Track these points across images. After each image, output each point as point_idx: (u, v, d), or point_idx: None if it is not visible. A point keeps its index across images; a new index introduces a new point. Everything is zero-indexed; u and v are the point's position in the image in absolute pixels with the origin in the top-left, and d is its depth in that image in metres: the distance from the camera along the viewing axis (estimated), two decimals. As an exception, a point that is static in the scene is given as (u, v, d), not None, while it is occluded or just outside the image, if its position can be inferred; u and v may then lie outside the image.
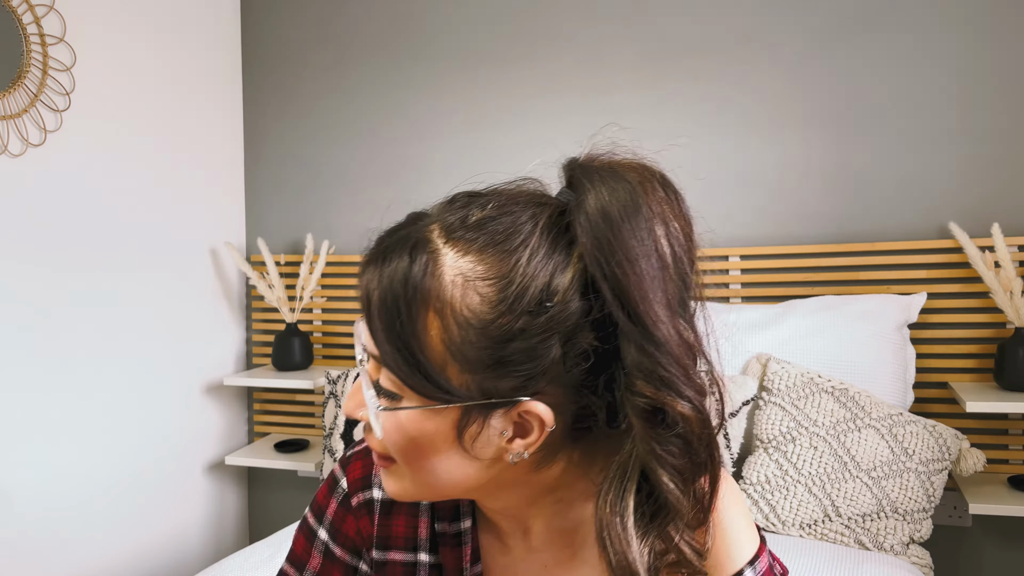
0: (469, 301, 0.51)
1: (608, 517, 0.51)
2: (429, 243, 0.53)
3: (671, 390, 0.50)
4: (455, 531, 0.67)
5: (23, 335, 1.83)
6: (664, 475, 0.51)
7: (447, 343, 0.51)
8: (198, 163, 2.37)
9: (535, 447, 0.54)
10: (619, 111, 2.18)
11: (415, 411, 0.53)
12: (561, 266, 0.51)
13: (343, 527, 0.70)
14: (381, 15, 2.40)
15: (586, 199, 0.51)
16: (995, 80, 1.91)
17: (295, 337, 2.36)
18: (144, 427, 2.17)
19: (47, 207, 1.88)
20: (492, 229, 0.52)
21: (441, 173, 2.36)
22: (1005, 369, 1.79)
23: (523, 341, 0.50)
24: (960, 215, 1.92)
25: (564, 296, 0.51)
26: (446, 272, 0.51)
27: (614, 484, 0.52)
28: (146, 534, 2.17)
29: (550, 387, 0.52)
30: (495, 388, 0.52)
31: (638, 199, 0.51)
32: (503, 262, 0.51)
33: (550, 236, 0.52)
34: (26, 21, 1.83)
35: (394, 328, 0.51)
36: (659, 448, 0.51)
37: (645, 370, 0.50)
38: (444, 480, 0.56)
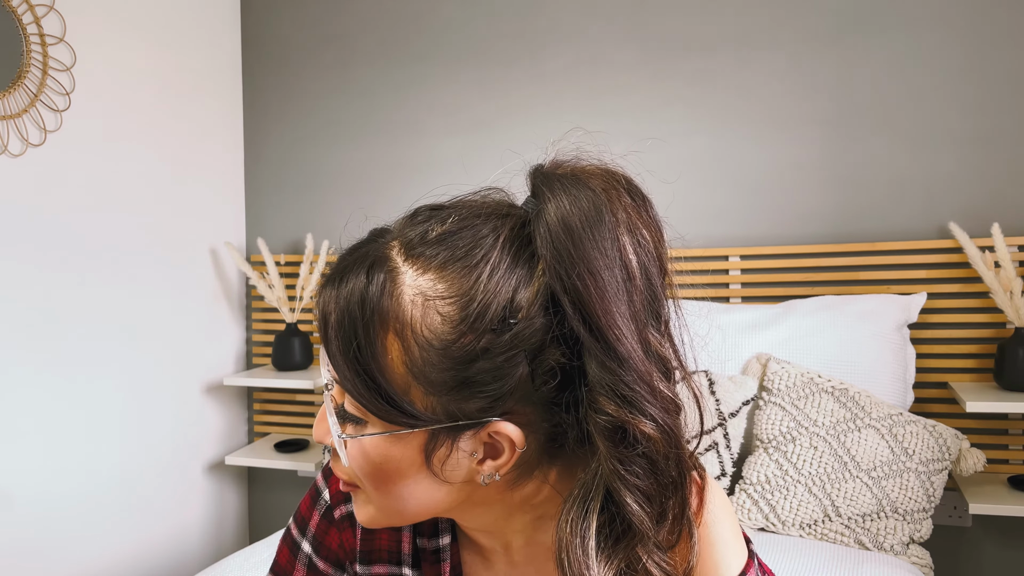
0: (430, 321, 0.49)
1: (568, 538, 0.49)
2: (388, 260, 0.51)
3: (634, 408, 0.47)
4: (434, 547, 0.66)
5: (22, 335, 1.83)
6: (628, 496, 0.48)
7: (408, 365, 0.49)
8: (198, 163, 2.37)
9: (507, 468, 0.52)
10: (619, 111, 2.18)
11: (379, 437, 0.51)
12: (524, 280, 0.49)
13: (326, 540, 0.69)
14: (381, 15, 2.40)
15: (546, 209, 0.49)
16: (995, 80, 1.91)
17: (295, 337, 2.36)
18: (144, 427, 2.17)
19: (47, 207, 1.88)
20: (452, 244, 0.50)
21: (441, 173, 2.36)
22: (1005, 369, 1.79)
23: (488, 361, 0.48)
24: (960, 215, 1.92)
25: (528, 312, 0.48)
26: (405, 291, 0.49)
27: (576, 503, 0.50)
28: (146, 534, 2.17)
29: (519, 406, 0.50)
30: (461, 410, 0.50)
31: (601, 208, 0.48)
32: (464, 279, 0.49)
33: (512, 249, 0.50)
34: (26, 21, 1.83)
35: (351, 351, 0.49)
36: (623, 468, 0.48)
37: (607, 387, 0.47)
38: (412, 505, 0.54)
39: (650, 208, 0.52)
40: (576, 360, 0.49)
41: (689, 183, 2.08)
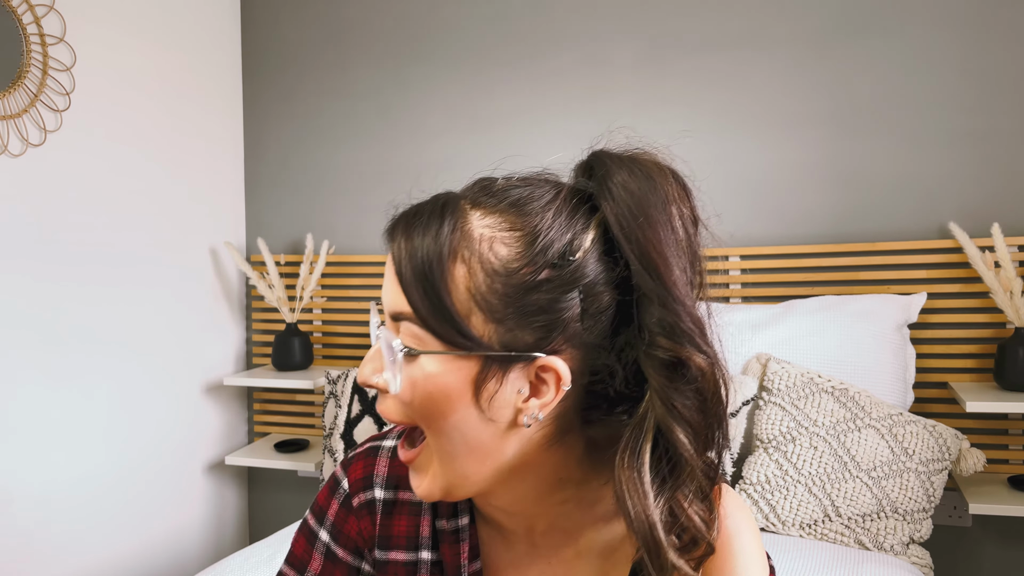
0: (496, 250, 0.54)
1: (626, 473, 0.53)
2: (458, 206, 0.56)
3: (690, 343, 0.53)
4: (453, 528, 0.67)
5: (22, 335, 1.83)
6: (679, 431, 0.53)
7: (472, 291, 0.54)
8: (198, 163, 2.37)
9: (550, 407, 0.55)
10: (619, 111, 2.18)
11: (436, 361, 0.55)
12: (581, 230, 0.55)
13: (345, 528, 0.71)
14: (381, 15, 2.40)
15: (611, 173, 0.55)
16: (995, 80, 1.91)
17: (295, 337, 2.36)
18: (144, 427, 2.17)
19: (47, 207, 1.88)
20: (515, 195, 0.56)
21: (441, 173, 2.35)
22: (1005, 369, 1.79)
23: (545, 292, 0.53)
24: (960, 215, 1.92)
25: (586, 253, 0.54)
26: (474, 227, 0.55)
27: (630, 443, 0.54)
28: (146, 534, 2.17)
29: (567, 347, 0.55)
30: (515, 340, 0.54)
31: (656, 180, 0.55)
32: (528, 220, 0.55)
33: (571, 204, 0.56)
34: (26, 21, 1.83)
35: (425, 277, 0.54)
36: (676, 401, 0.53)
37: (666, 325, 0.53)
38: (462, 447, 0.56)
39: (691, 195, 0.58)
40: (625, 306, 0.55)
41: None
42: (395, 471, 0.70)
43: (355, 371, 2.11)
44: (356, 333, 2.45)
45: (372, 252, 2.43)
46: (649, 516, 0.52)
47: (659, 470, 0.54)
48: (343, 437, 2.03)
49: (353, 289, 2.45)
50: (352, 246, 2.45)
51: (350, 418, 2.04)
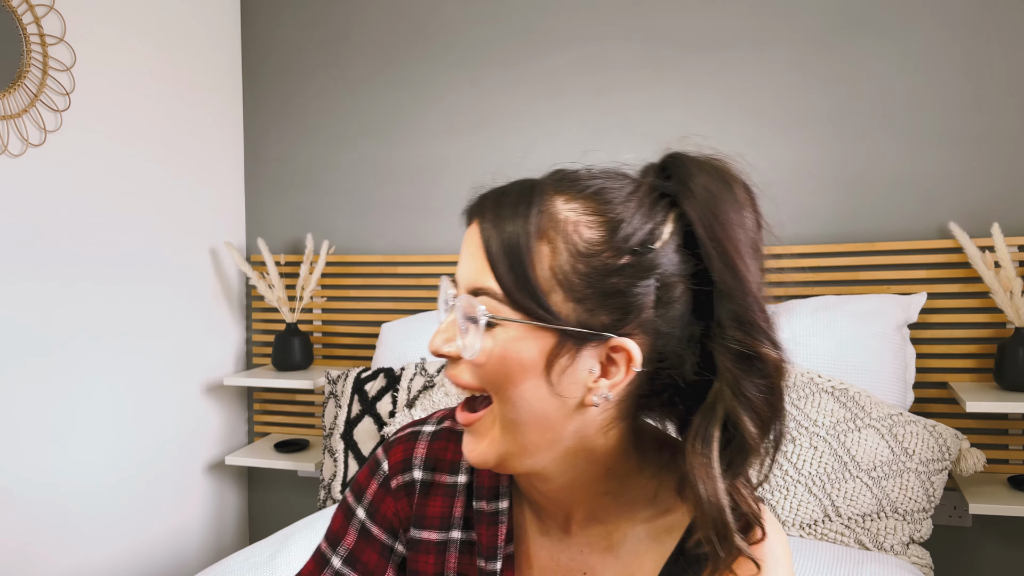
0: (582, 232, 0.57)
1: (698, 459, 0.57)
2: (543, 189, 0.59)
3: (759, 335, 0.57)
4: (493, 510, 0.69)
5: (22, 335, 1.83)
6: (747, 419, 0.56)
7: (555, 270, 0.56)
8: (198, 163, 2.37)
9: (619, 387, 0.58)
10: (619, 111, 2.18)
11: (515, 330, 0.57)
12: (660, 222, 0.58)
13: (382, 507, 0.73)
14: (381, 15, 2.40)
15: (692, 174, 0.59)
16: (995, 80, 1.91)
17: (295, 337, 2.36)
18: (144, 427, 2.17)
19: (47, 207, 1.88)
20: (598, 184, 0.59)
21: (441, 173, 2.36)
22: (1005, 369, 1.79)
23: (624, 277, 0.56)
24: (960, 215, 1.92)
25: (664, 244, 0.58)
26: (559, 210, 0.58)
27: (700, 430, 0.57)
28: (146, 534, 2.17)
29: (639, 333, 0.58)
30: (592, 320, 0.57)
31: (730, 182, 0.59)
32: (610, 208, 0.58)
33: (650, 198, 0.59)
34: (26, 21, 1.83)
35: (513, 253, 0.56)
36: (747, 390, 0.56)
37: (739, 318, 0.56)
38: (528, 417, 0.59)
39: (756, 201, 0.61)
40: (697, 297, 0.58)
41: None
42: (433, 454, 0.73)
43: (355, 371, 2.11)
44: (356, 333, 2.45)
45: (372, 252, 2.43)
46: (720, 499, 0.56)
47: (724, 456, 0.57)
48: (343, 437, 2.03)
49: (353, 289, 2.45)
50: (352, 246, 2.45)
51: (350, 418, 2.04)
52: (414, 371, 2.03)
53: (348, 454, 2.01)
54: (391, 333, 2.21)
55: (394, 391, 2.02)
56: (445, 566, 0.70)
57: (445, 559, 0.70)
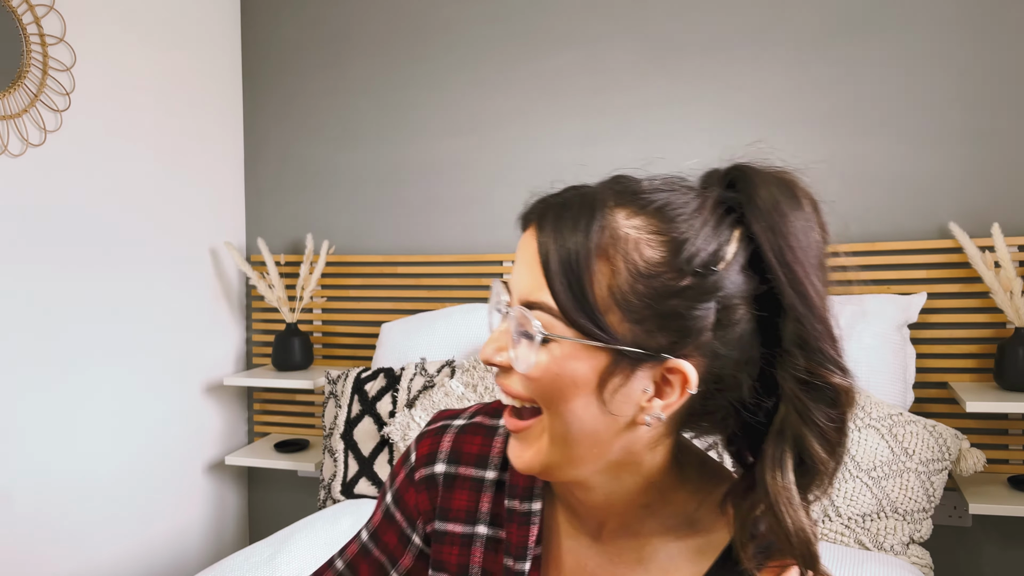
0: (643, 253, 0.55)
1: (779, 488, 0.55)
2: (605, 202, 0.57)
3: (829, 362, 0.55)
4: (525, 510, 0.69)
5: (23, 335, 1.83)
6: (816, 444, 0.55)
7: (613, 289, 0.55)
8: (198, 163, 2.37)
9: (672, 408, 0.57)
10: (619, 111, 2.18)
11: (569, 347, 0.56)
12: (725, 241, 0.56)
13: (405, 496, 0.75)
14: (381, 15, 2.40)
15: (757, 190, 0.57)
16: (995, 80, 1.91)
17: (295, 337, 2.36)
18: (144, 427, 2.17)
19: (47, 207, 1.88)
20: (662, 199, 0.57)
21: (441, 173, 2.36)
22: (1005, 369, 1.79)
23: (684, 299, 0.54)
24: (960, 215, 1.92)
25: (728, 265, 0.55)
26: (621, 227, 0.56)
27: (776, 459, 0.56)
28: (146, 534, 2.17)
29: (696, 354, 0.56)
30: (649, 341, 0.55)
31: (799, 197, 0.57)
32: (674, 227, 0.56)
33: (715, 215, 0.57)
34: (26, 21, 1.83)
35: (570, 270, 0.55)
36: (815, 416, 0.55)
37: (806, 344, 0.55)
38: (577, 433, 0.58)
39: (821, 214, 0.59)
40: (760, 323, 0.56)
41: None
42: (458, 446, 0.73)
43: (355, 371, 2.11)
44: (356, 333, 2.45)
45: (372, 252, 2.43)
46: (807, 531, 0.55)
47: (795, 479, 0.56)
48: (343, 437, 2.03)
49: (353, 289, 2.45)
50: (352, 246, 2.45)
51: (350, 418, 2.04)
52: (414, 371, 2.03)
53: (348, 454, 2.01)
54: (391, 333, 2.21)
55: (394, 391, 2.02)
56: (470, 560, 0.71)
57: (470, 553, 0.71)
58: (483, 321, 2.11)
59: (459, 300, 2.31)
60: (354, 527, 1.75)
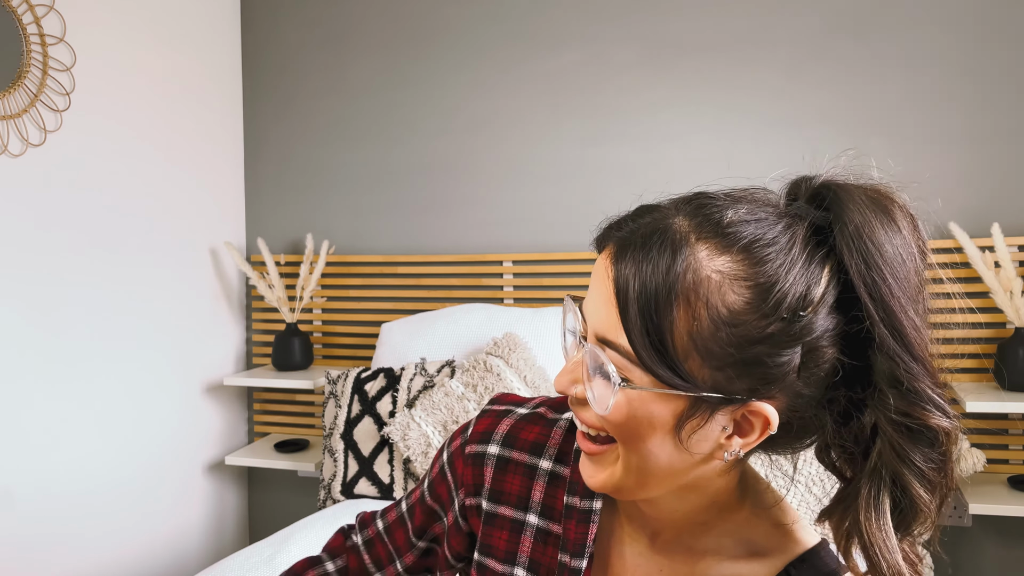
0: (726, 299, 0.52)
1: (875, 531, 0.53)
2: (687, 239, 0.53)
3: (934, 406, 0.52)
4: (586, 507, 0.68)
5: (23, 335, 1.83)
6: (918, 486, 0.52)
7: (694, 336, 0.52)
8: (198, 163, 2.37)
9: (751, 447, 0.56)
10: (620, 111, 2.18)
11: (646, 392, 0.54)
12: (816, 279, 0.52)
13: (456, 462, 0.76)
14: (381, 16, 2.40)
15: (849, 216, 0.53)
16: (995, 80, 1.91)
17: (295, 337, 2.36)
18: (144, 427, 2.17)
19: (47, 207, 1.88)
20: (749, 234, 0.53)
21: (441, 173, 2.36)
22: (1005, 369, 1.79)
23: (770, 346, 0.52)
24: (960, 215, 1.92)
25: (817, 308, 0.52)
26: (703, 268, 0.52)
27: (871, 500, 0.53)
28: (146, 534, 2.17)
29: (779, 394, 0.54)
30: (730, 386, 0.53)
31: (896, 220, 0.54)
32: (760, 266, 0.52)
33: (807, 249, 0.53)
34: (26, 21, 1.83)
35: (649, 315, 0.52)
36: (917, 461, 0.52)
37: (901, 384, 0.52)
38: (652, 466, 0.57)
39: (919, 229, 0.56)
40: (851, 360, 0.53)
41: (688, 183, 2.07)
42: (515, 432, 0.73)
43: (355, 371, 2.11)
44: (356, 333, 2.45)
45: (372, 252, 2.43)
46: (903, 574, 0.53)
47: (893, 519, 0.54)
48: (343, 437, 2.03)
49: (353, 289, 2.45)
50: (352, 246, 2.45)
51: (350, 418, 2.04)
52: (414, 371, 2.03)
53: (348, 454, 2.01)
54: (391, 333, 2.21)
55: (394, 391, 2.02)
56: (519, 548, 0.71)
57: (520, 540, 0.71)
58: (483, 321, 2.11)
59: (459, 300, 2.31)
60: (354, 527, 1.75)
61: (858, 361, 0.53)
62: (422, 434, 1.87)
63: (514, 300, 2.28)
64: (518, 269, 2.26)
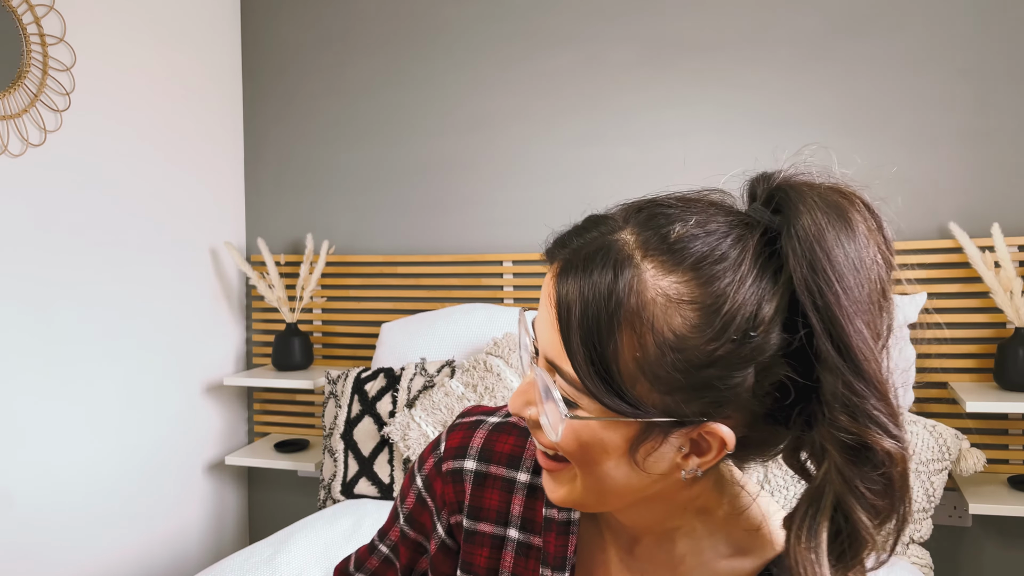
0: (672, 322, 0.49)
1: (803, 553, 0.50)
2: (631, 259, 0.50)
3: (878, 427, 0.49)
4: (565, 519, 0.68)
5: (23, 335, 1.83)
6: (861, 512, 0.50)
7: (640, 362, 0.50)
8: (198, 163, 2.37)
9: (709, 465, 0.54)
10: (619, 111, 2.18)
11: (597, 421, 0.53)
12: (768, 295, 0.50)
13: (433, 484, 0.74)
14: (381, 16, 2.40)
15: (799, 221, 0.50)
16: (995, 80, 1.91)
17: (295, 337, 2.36)
18: (144, 427, 2.17)
19: (47, 207, 1.88)
20: (697, 251, 0.50)
21: (441, 173, 2.36)
22: (1005, 369, 1.79)
23: (720, 368, 0.49)
24: (960, 215, 1.92)
25: (768, 327, 0.49)
26: (648, 290, 0.50)
27: (806, 520, 0.51)
28: (146, 534, 2.17)
29: (734, 413, 0.52)
30: (681, 409, 0.51)
31: (852, 226, 0.50)
32: (709, 286, 0.49)
33: (758, 263, 0.50)
34: (26, 21, 1.83)
35: (592, 343, 0.50)
36: (860, 485, 0.49)
37: (850, 405, 0.48)
38: (609, 486, 0.56)
39: (884, 229, 0.53)
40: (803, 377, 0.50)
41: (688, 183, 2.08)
42: (490, 445, 0.72)
43: (355, 371, 2.11)
44: (356, 333, 2.45)
45: (372, 252, 2.43)
46: None
47: (834, 547, 0.51)
48: (343, 437, 2.03)
49: (353, 289, 2.45)
50: (352, 246, 2.45)
51: (350, 418, 2.04)
52: (414, 371, 2.03)
53: (348, 454, 2.01)
54: (391, 333, 2.21)
55: (394, 391, 2.02)
56: (500, 564, 0.70)
57: (500, 556, 0.70)
58: (483, 321, 2.11)
59: (459, 300, 2.31)
60: (354, 527, 1.75)
61: (808, 379, 0.50)
62: (422, 434, 1.87)
63: (514, 300, 2.28)
64: (518, 269, 2.26)
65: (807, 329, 0.49)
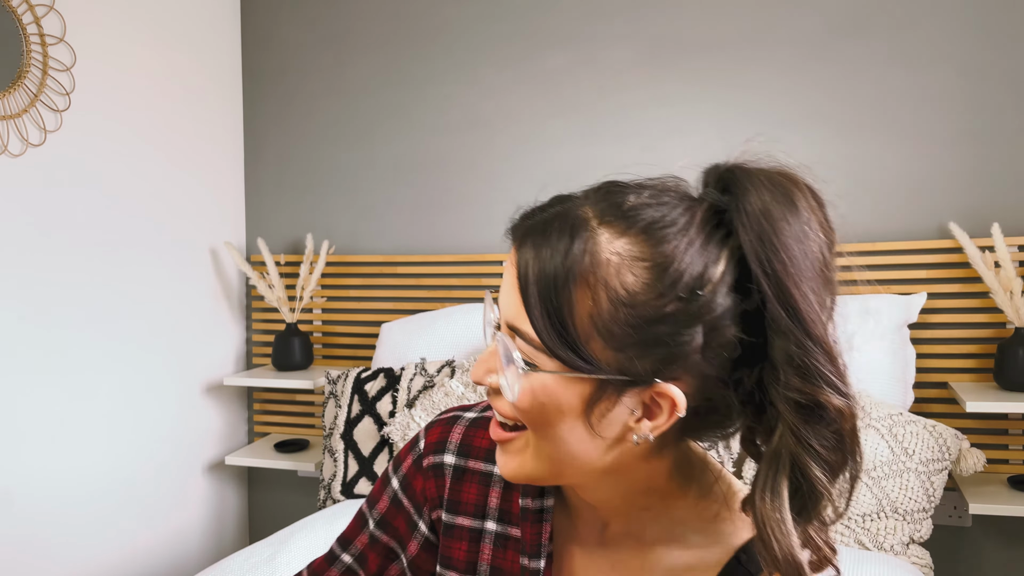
0: (624, 280, 0.53)
1: (768, 512, 0.53)
2: (587, 224, 0.54)
3: (826, 385, 0.52)
4: (538, 507, 0.69)
5: (23, 335, 1.83)
6: (816, 468, 0.52)
7: (594, 318, 0.53)
8: (198, 163, 2.37)
9: (661, 430, 0.56)
10: (618, 110, 2.18)
11: (553, 377, 0.55)
12: (713, 259, 0.53)
13: (413, 482, 0.75)
14: (381, 16, 2.40)
15: (747, 198, 0.54)
16: (995, 80, 1.91)
17: (295, 337, 2.36)
18: (144, 427, 2.17)
19: (47, 207, 1.88)
20: (648, 216, 0.54)
21: (441, 172, 2.36)
22: (1005, 369, 1.79)
23: (669, 325, 0.52)
24: (960, 215, 1.92)
25: (715, 287, 0.53)
26: (603, 250, 0.53)
27: (768, 481, 0.54)
28: (146, 534, 2.17)
29: (683, 374, 0.54)
30: (633, 367, 0.53)
31: (795, 201, 0.54)
32: (658, 246, 0.53)
33: (705, 230, 0.54)
34: (26, 21, 1.83)
35: (549, 300, 0.53)
36: (812, 441, 0.52)
37: (800, 365, 0.52)
38: (564, 452, 0.57)
39: (826, 212, 0.56)
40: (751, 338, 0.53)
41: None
42: (468, 440, 0.73)
43: (355, 371, 2.11)
44: (356, 333, 2.45)
45: (372, 252, 2.43)
46: (796, 557, 0.52)
47: (794, 503, 0.54)
48: (343, 437, 2.03)
49: (353, 289, 2.45)
50: (352, 246, 2.45)
51: (350, 418, 2.04)
52: (414, 371, 2.03)
53: (348, 454, 2.01)
54: (391, 333, 2.21)
55: (394, 391, 2.02)
56: (479, 556, 0.71)
57: (479, 549, 0.71)
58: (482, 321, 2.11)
59: (459, 300, 2.31)
60: (354, 527, 1.75)
61: (757, 339, 0.53)
62: (422, 434, 1.87)
63: (514, 300, 2.28)
64: (518, 269, 2.26)
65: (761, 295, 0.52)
